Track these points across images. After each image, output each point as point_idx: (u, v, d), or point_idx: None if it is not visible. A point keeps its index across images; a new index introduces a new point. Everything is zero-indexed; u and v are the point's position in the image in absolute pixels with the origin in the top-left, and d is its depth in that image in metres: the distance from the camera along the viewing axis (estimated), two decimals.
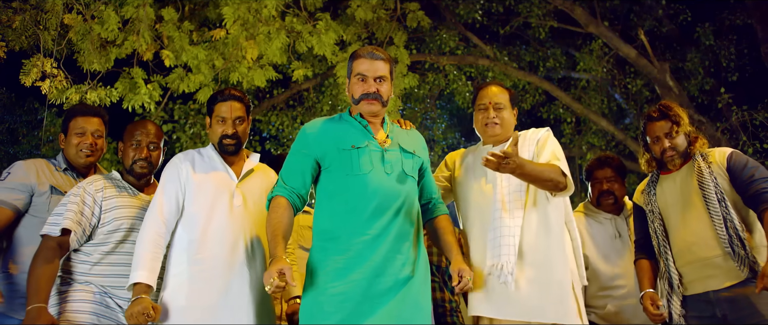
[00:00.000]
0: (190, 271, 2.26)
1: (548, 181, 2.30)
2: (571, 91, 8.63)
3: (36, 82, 4.01)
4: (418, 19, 6.14)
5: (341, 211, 2.16)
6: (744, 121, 7.20)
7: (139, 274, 2.20)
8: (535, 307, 2.24)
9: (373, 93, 2.25)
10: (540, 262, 2.29)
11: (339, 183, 2.20)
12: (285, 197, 2.21)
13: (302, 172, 2.24)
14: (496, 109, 2.53)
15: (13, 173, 2.56)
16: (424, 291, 2.19)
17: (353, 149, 2.20)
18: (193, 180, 2.39)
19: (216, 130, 2.48)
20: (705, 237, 2.45)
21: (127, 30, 4.59)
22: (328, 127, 2.29)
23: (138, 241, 2.29)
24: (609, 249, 2.99)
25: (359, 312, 2.03)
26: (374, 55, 2.27)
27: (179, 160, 2.45)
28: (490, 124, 2.52)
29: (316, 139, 2.25)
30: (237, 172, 2.47)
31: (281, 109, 8.38)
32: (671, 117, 2.59)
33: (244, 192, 2.41)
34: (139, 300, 2.14)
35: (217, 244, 2.29)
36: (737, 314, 2.36)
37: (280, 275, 1.96)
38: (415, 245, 2.22)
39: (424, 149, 2.42)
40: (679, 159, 2.61)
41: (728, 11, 7.99)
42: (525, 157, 2.40)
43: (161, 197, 2.36)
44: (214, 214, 2.33)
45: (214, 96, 2.53)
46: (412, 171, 2.28)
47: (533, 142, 2.48)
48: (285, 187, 2.23)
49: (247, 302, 2.27)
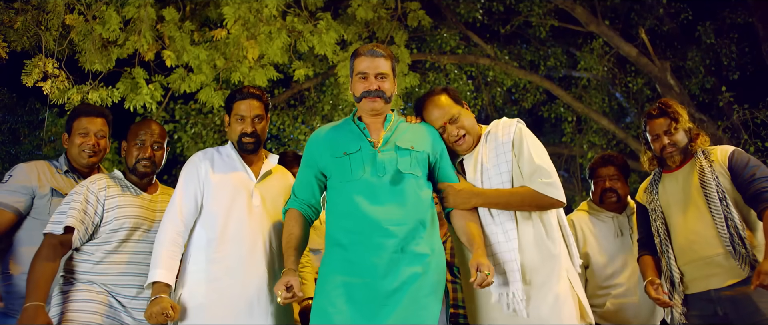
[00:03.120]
0: (208, 270, 2.27)
1: (521, 208, 2.20)
2: (571, 90, 8.63)
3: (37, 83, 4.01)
4: (419, 18, 6.14)
5: (341, 217, 2.19)
6: (745, 119, 7.18)
7: (157, 272, 2.21)
8: (540, 314, 2.15)
9: (375, 90, 2.25)
10: (534, 272, 2.19)
11: (338, 190, 2.23)
12: (297, 208, 2.31)
13: (309, 183, 2.33)
14: (453, 122, 2.33)
15: (15, 175, 2.57)
16: (434, 288, 2.11)
17: (345, 156, 2.23)
18: (212, 179, 2.39)
19: (235, 128, 2.48)
20: (706, 235, 2.45)
21: (129, 30, 4.60)
22: (327, 136, 2.33)
23: (157, 239, 2.30)
24: (611, 247, 2.98)
25: (365, 314, 2.03)
26: (374, 52, 2.27)
27: (198, 159, 2.45)
28: (459, 140, 2.34)
29: (316, 150, 2.32)
30: (256, 172, 2.47)
31: (282, 108, 8.38)
32: (670, 114, 2.60)
33: (263, 192, 2.42)
34: (158, 300, 2.15)
35: (236, 243, 2.30)
36: (739, 312, 2.37)
37: (288, 288, 2.06)
38: (425, 241, 2.16)
39: (431, 142, 2.31)
40: (678, 156, 2.61)
41: (729, 10, 7.98)
42: (502, 165, 2.26)
43: (180, 195, 2.36)
44: (232, 213, 2.33)
45: (233, 94, 2.53)
46: (411, 167, 2.21)
47: (508, 145, 2.28)
48: (296, 199, 2.33)
49: (265, 302, 2.27)
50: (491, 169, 2.29)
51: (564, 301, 2.19)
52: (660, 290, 2.51)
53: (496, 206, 2.23)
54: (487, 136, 2.37)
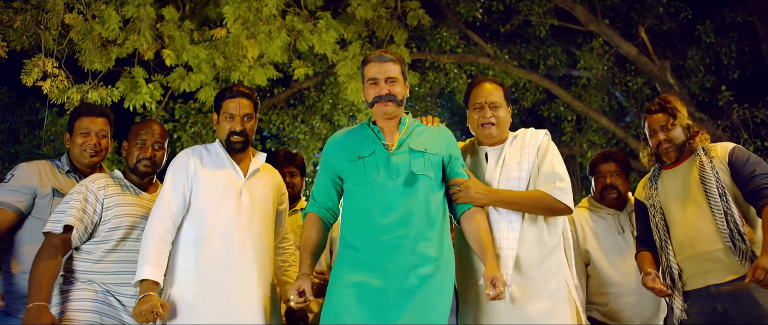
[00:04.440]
0: (197, 268, 2.27)
1: (532, 210, 2.29)
2: (571, 89, 8.62)
3: (37, 82, 4.00)
4: (419, 17, 6.13)
5: (355, 220, 2.22)
6: (745, 118, 7.19)
7: (145, 270, 2.20)
8: (531, 314, 2.19)
9: (386, 95, 2.30)
10: (532, 272, 2.25)
11: (352, 193, 2.27)
12: (315, 212, 2.35)
13: (326, 187, 2.37)
14: (492, 108, 2.44)
15: (17, 175, 2.57)
16: (443, 290, 2.13)
17: (359, 159, 2.26)
18: (200, 176, 2.39)
19: (224, 126, 2.48)
20: (706, 231, 2.45)
21: (128, 29, 4.60)
22: (343, 140, 2.38)
23: (144, 236, 2.29)
24: (611, 245, 2.97)
25: (376, 315, 2.04)
26: (383, 57, 2.33)
27: (186, 156, 2.45)
28: (487, 124, 2.44)
29: (332, 155, 2.37)
30: (244, 170, 2.47)
31: (282, 107, 8.38)
32: (668, 109, 2.60)
33: (251, 191, 2.42)
34: (147, 298, 2.14)
35: (225, 241, 2.30)
36: (738, 308, 2.37)
37: (300, 293, 2.12)
38: (436, 243, 2.18)
39: (446, 145, 2.36)
40: (674, 152, 2.61)
41: (729, 9, 7.98)
42: (524, 163, 2.36)
43: (168, 192, 2.36)
44: (221, 211, 2.34)
45: (222, 93, 2.53)
46: (425, 169, 2.24)
47: (533, 149, 2.39)
48: (315, 202, 2.38)
49: (255, 301, 2.27)
50: (512, 164, 2.38)
51: (560, 300, 2.23)
52: (656, 280, 2.51)
53: (509, 206, 2.29)
54: (514, 139, 2.46)
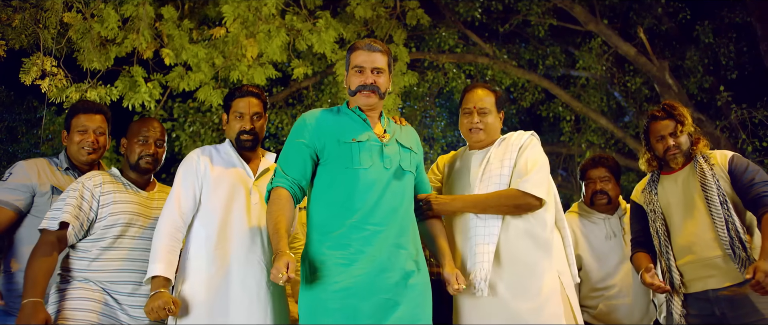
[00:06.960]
0: (208, 266, 2.27)
1: (500, 209, 2.29)
2: (570, 89, 8.63)
3: (36, 81, 4.00)
4: (418, 17, 6.14)
5: (339, 204, 2.12)
6: (743, 119, 7.19)
7: (157, 267, 2.21)
8: (520, 312, 2.20)
9: (370, 84, 2.24)
10: (520, 269, 2.26)
11: (337, 176, 2.16)
12: (286, 188, 2.15)
13: (303, 162, 2.19)
14: (481, 113, 2.46)
15: (15, 173, 2.56)
16: (427, 289, 2.18)
17: (354, 143, 2.19)
18: (210, 175, 2.39)
19: (233, 125, 2.48)
20: (706, 238, 2.47)
21: (127, 28, 4.59)
22: (328, 119, 2.27)
23: (155, 234, 2.29)
24: (602, 249, 2.98)
25: (364, 309, 2.01)
26: (372, 46, 2.26)
27: (197, 155, 2.45)
28: (474, 129, 2.47)
29: (315, 131, 2.22)
30: (253, 169, 2.47)
31: (281, 107, 8.37)
32: (676, 116, 2.61)
33: (261, 190, 2.41)
34: (158, 294, 2.15)
35: (236, 240, 2.30)
36: (736, 312, 2.38)
37: (288, 267, 1.91)
38: (412, 238, 2.21)
39: (419, 147, 2.41)
40: (681, 158, 2.62)
41: (727, 9, 7.99)
42: (506, 161, 2.37)
43: (179, 191, 2.36)
44: (231, 210, 2.33)
45: (232, 92, 2.54)
46: (410, 166, 2.27)
47: (515, 148, 2.41)
48: (286, 177, 2.16)
49: (264, 300, 2.27)
50: (495, 163, 2.39)
51: (550, 297, 2.23)
52: (656, 277, 2.52)
53: (473, 209, 2.31)
54: (502, 142, 2.48)
